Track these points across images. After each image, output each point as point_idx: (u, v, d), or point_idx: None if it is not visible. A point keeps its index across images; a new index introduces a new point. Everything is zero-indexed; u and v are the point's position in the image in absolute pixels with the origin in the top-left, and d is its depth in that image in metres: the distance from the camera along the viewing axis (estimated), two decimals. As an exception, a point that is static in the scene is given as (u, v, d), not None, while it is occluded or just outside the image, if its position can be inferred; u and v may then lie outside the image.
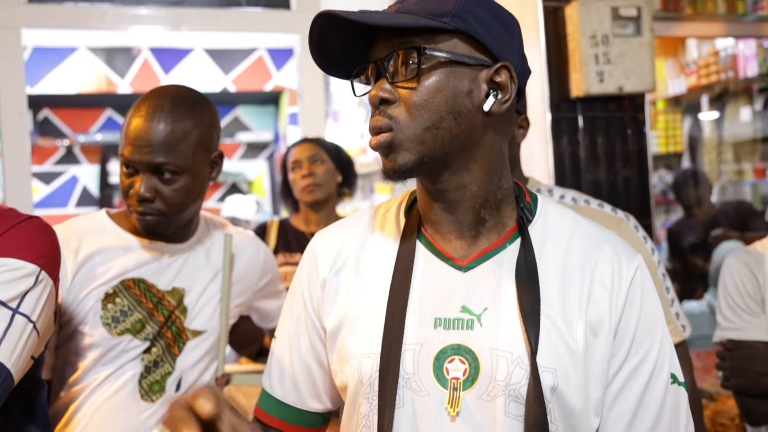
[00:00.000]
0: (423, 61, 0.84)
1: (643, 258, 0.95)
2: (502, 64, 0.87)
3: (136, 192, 1.37)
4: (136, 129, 1.36)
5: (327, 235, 1.00)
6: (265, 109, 5.98)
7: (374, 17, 0.83)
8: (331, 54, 0.90)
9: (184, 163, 1.38)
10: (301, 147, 2.45)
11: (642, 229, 1.48)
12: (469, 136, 0.87)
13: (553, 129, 2.62)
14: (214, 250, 1.56)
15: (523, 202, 0.94)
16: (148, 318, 1.44)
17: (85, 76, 4.93)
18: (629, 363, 0.89)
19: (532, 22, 2.68)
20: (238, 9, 2.78)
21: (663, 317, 0.94)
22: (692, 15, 3.20)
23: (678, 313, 1.46)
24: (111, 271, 1.42)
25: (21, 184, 2.53)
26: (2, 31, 2.48)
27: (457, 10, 0.84)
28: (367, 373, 0.89)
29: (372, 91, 0.87)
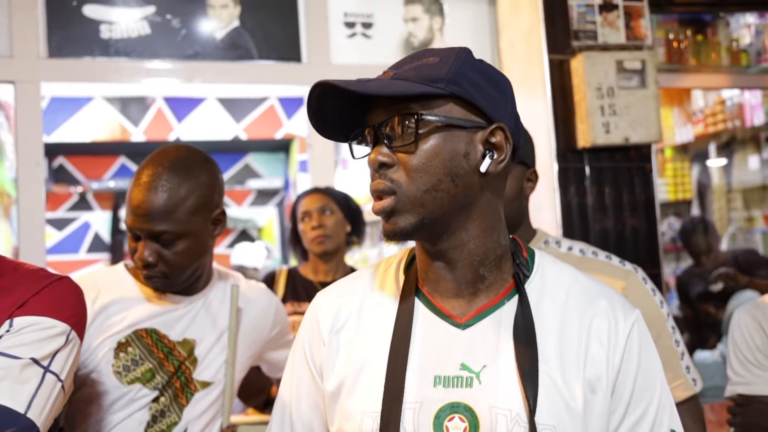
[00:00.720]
0: (420, 126, 0.86)
1: (649, 312, 0.95)
2: (497, 126, 0.89)
3: (140, 257, 1.43)
4: (136, 199, 1.42)
5: (327, 295, 1.02)
6: (276, 156, 6.06)
7: (372, 87, 0.86)
8: (328, 119, 0.93)
9: (183, 229, 1.42)
10: (310, 198, 2.47)
11: (650, 281, 1.47)
12: (467, 197, 0.89)
13: (561, 179, 2.64)
14: (226, 301, 1.59)
15: (520, 258, 0.95)
16: (159, 368, 1.47)
17: (100, 125, 5.03)
18: (628, 419, 0.90)
19: (538, 74, 2.73)
20: (251, 62, 2.86)
21: (662, 372, 0.94)
22: (696, 66, 3.25)
23: (689, 366, 1.44)
24: (125, 321, 1.47)
25: (35, 231, 2.57)
26: (22, 85, 2.55)
27: (451, 76, 0.87)
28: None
29: (371, 155, 0.90)
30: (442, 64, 0.88)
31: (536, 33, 2.72)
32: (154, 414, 1.46)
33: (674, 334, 1.44)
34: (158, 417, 1.46)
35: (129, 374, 1.45)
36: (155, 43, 2.76)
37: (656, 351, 0.95)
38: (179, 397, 1.49)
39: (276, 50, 2.88)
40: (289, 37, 2.90)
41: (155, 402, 1.46)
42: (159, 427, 1.46)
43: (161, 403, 1.47)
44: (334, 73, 2.92)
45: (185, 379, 1.50)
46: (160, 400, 1.47)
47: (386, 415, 0.87)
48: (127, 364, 1.45)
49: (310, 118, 0.92)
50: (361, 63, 2.94)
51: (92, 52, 2.67)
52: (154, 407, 1.46)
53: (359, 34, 2.99)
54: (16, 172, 2.55)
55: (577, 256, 1.48)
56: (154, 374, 1.47)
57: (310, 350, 0.98)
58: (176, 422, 1.48)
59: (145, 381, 1.46)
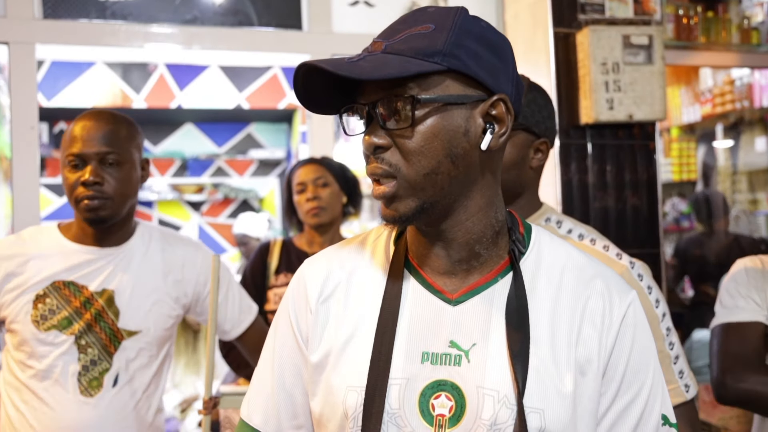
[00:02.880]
0: (417, 108, 0.81)
1: (636, 293, 0.92)
2: (498, 97, 0.84)
3: (85, 179, 1.55)
4: (83, 128, 1.58)
5: (316, 262, 0.98)
6: (278, 126, 6.01)
7: (363, 69, 0.79)
8: (317, 94, 0.87)
9: (125, 154, 1.60)
10: (305, 168, 2.43)
11: (648, 278, 1.36)
12: (467, 176, 0.85)
13: (562, 155, 2.60)
14: (150, 253, 1.70)
15: (516, 235, 0.91)
16: (75, 315, 1.60)
17: (101, 90, 4.99)
18: (618, 403, 0.87)
19: (542, 47, 2.67)
20: (250, 28, 2.80)
21: (656, 357, 0.91)
22: (706, 44, 3.18)
23: (682, 371, 1.33)
24: (43, 273, 1.60)
25: (30, 196, 2.55)
26: (17, 46, 2.51)
27: (447, 48, 0.81)
28: (351, 407, 0.87)
29: (366, 137, 0.84)
30: (437, 33, 0.81)
31: (542, 5, 2.66)
32: (85, 364, 1.59)
33: (668, 336, 1.33)
34: (89, 366, 1.60)
35: (46, 322, 1.58)
36: (153, 7, 2.71)
37: (651, 335, 0.91)
38: (108, 347, 1.62)
39: (276, 17, 2.83)
40: (289, 3, 2.85)
41: (83, 353, 1.59)
42: (91, 374, 1.60)
43: (90, 354, 1.60)
44: (336, 42, 2.87)
45: (110, 329, 1.62)
46: (89, 351, 1.59)
47: (371, 390, 0.85)
48: (45, 314, 1.58)
49: (297, 96, 0.86)
50: (363, 32, 2.89)
51: (88, 14, 2.63)
52: (83, 358, 1.59)
53: (362, 2, 2.93)
54: (11, 135, 2.53)
55: (575, 240, 1.40)
56: (70, 322, 1.59)
57: (296, 317, 0.95)
58: (107, 369, 1.61)
59: (61, 328, 1.58)
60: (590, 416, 0.85)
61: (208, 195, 5.87)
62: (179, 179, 5.84)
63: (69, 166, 1.58)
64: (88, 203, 1.56)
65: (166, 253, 1.72)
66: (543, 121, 1.38)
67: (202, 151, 5.90)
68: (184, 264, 1.73)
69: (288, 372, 0.96)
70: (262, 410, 0.97)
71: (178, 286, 1.72)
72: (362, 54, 0.84)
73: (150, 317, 1.66)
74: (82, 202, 1.57)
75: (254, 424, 0.97)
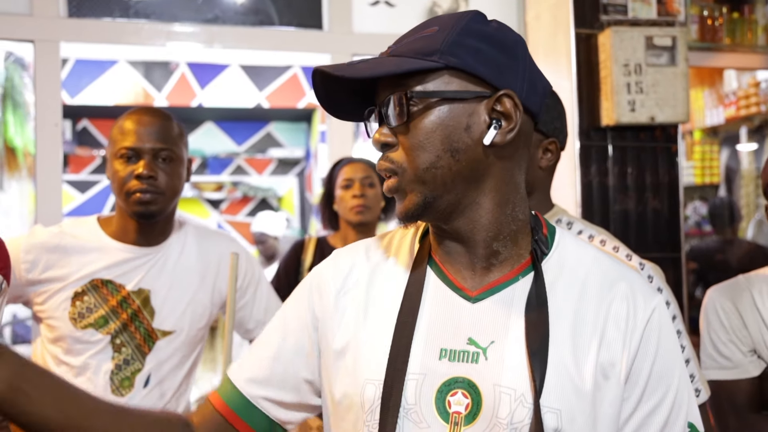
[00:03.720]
0: (413, 104, 0.83)
1: (662, 297, 0.91)
2: (504, 93, 0.84)
3: (140, 172, 1.56)
4: (138, 122, 1.60)
5: (345, 253, 0.99)
6: (298, 126, 6.04)
7: (357, 69, 0.83)
8: (339, 102, 0.91)
9: (177, 150, 1.62)
10: (354, 166, 2.42)
11: (658, 279, 1.36)
12: (473, 171, 0.85)
13: (582, 157, 2.58)
14: (186, 252, 1.69)
15: (539, 235, 0.91)
16: (111, 314, 1.59)
17: (123, 88, 5.04)
18: (642, 409, 0.86)
19: (564, 49, 2.65)
20: (271, 28, 2.82)
21: (682, 362, 0.90)
22: (730, 46, 3.14)
23: (693, 374, 1.35)
24: (83, 271, 1.59)
25: (52, 192, 2.58)
26: (42, 44, 2.54)
27: (445, 47, 0.83)
28: (369, 400, 0.87)
29: (375, 136, 0.87)
30: (438, 35, 0.84)
31: (564, 6, 2.64)
32: (118, 363, 1.59)
33: (679, 339, 1.34)
34: (122, 365, 1.59)
35: (83, 320, 1.58)
36: (175, 6, 2.73)
37: (677, 340, 0.90)
38: (141, 346, 1.61)
39: (297, 16, 2.84)
40: (310, 3, 2.85)
41: (117, 352, 1.59)
42: (123, 374, 1.59)
43: (124, 353, 1.59)
44: (356, 42, 2.87)
45: (144, 329, 1.62)
46: (123, 350, 1.59)
47: (389, 384, 0.85)
48: (82, 312, 1.58)
49: (321, 103, 0.90)
50: (383, 32, 2.89)
51: (112, 13, 2.66)
52: (117, 357, 1.59)
53: (382, 2, 2.93)
54: (35, 132, 2.56)
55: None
56: (107, 320, 1.59)
57: (317, 302, 0.96)
58: (140, 369, 1.61)
59: (97, 326, 1.58)
60: (611, 421, 0.84)
61: (227, 193, 5.91)
62: (199, 177, 5.89)
63: (120, 158, 1.58)
64: (141, 196, 1.56)
65: (201, 251, 1.72)
66: (551, 121, 1.39)
67: (221, 150, 5.94)
68: (220, 260, 1.73)
69: (290, 347, 0.96)
70: (251, 373, 0.96)
71: (213, 285, 1.72)
72: (366, 59, 0.87)
73: (185, 317, 1.66)
74: (134, 195, 1.56)
75: (237, 383, 0.97)
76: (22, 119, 3.59)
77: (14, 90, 3.52)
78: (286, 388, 0.96)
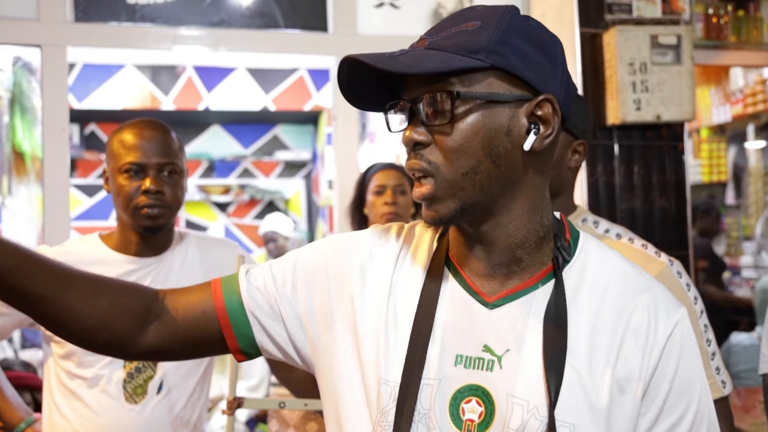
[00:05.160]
0: (457, 105, 0.79)
1: (686, 310, 0.88)
2: (545, 97, 0.81)
3: (147, 187, 1.58)
4: (142, 137, 1.61)
5: (385, 232, 0.96)
6: (304, 128, 6.05)
7: (402, 63, 0.78)
8: (361, 90, 0.86)
9: (180, 164, 1.65)
10: (388, 173, 2.44)
11: (686, 276, 1.37)
12: (509, 177, 0.82)
13: (588, 156, 2.57)
14: (189, 258, 1.71)
15: (561, 241, 0.88)
16: None
17: (131, 93, 5.07)
18: (660, 426, 0.83)
19: (569, 48, 2.65)
20: (276, 31, 2.83)
21: (704, 378, 0.86)
22: (736, 44, 3.13)
23: (719, 367, 1.36)
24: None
25: (60, 196, 2.59)
26: (49, 49, 2.56)
27: (492, 45, 0.78)
28: (384, 401, 0.85)
29: (406, 133, 0.83)
30: (482, 30, 0.79)
31: (569, 5, 2.64)
32: (130, 371, 1.61)
33: (706, 333, 1.36)
34: (134, 374, 1.61)
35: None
36: (181, 10, 2.74)
37: (699, 355, 0.87)
38: None
39: (302, 19, 2.84)
40: (315, 5, 2.86)
41: (129, 361, 1.60)
42: (136, 382, 1.61)
43: (134, 362, 1.60)
44: (361, 44, 2.87)
45: None
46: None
47: (405, 387, 0.83)
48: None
49: (342, 91, 0.86)
50: (388, 33, 2.89)
51: (118, 17, 2.67)
52: (128, 365, 1.61)
53: (387, 4, 2.93)
54: (42, 136, 2.58)
55: (612, 239, 1.41)
56: None
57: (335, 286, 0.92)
58: (152, 376, 1.62)
59: None
60: None
61: (234, 196, 5.93)
62: (206, 180, 5.91)
63: (125, 173, 1.60)
64: (149, 211, 1.59)
65: (204, 258, 1.73)
66: (581, 123, 1.41)
67: (228, 153, 5.96)
68: (222, 266, 1.73)
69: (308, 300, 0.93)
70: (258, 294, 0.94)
71: None
72: (405, 50, 0.83)
73: None
74: (142, 210, 1.59)
75: (243, 297, 0.94)
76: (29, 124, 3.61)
77: (22, 95, 3.55)
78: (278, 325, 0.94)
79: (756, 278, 4.31)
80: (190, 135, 5.90)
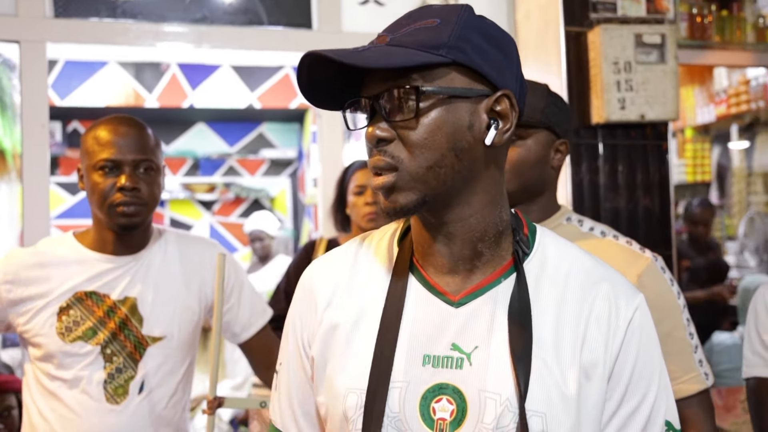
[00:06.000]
0: (421, 99, 0.80)
1: (666, 302, 0.90)
2: (503, 93, 0.83)
3: (123, 184, 1.55)
4: (116, 133, 1.57)
5: (320, 266, 0.98)
6: (290, 126, 6.02)
7: (367, 59, 0.79)
8: (320, 88, 0.86)
9: (156, 161, 1.62)
10: (367, 172, 2.40)
11: (669, 272, 1.40)
12: (471, 171, 0.84)
13: (573, 155, 2.58)
14: (169, 256, 1.69)
15: (520, 235, 0.90)
16: (99, 325, 1.59)
17: (114, 90, 5.02)
18: (624, 408, 0.85)
19: (554, 46, 2.65)
20: (260, 27, 2.80)
21: (662, 360, 0.89)
22: (720, 43, 3.14)
23: (701, 360, 1.39)
24: (65, 285, 1.59)
25: (40, 194, 2.56)
26: (27, 45, 2.52)
27: (453, 41, 0.80)
28: (351, 409, 0.86)
29: (369, 130, 0.83)
30: (442, 27, 0.81)
31: (553, 4, 2.64)
32: (111, 372, 1.58)
33: (689, 327, 1.39)
34: (115, 374, 1.59)
35: (71, 334, 1.57)
36: (163, 6, 2.71)
37: (657, 338, 0.90)
38: (133, 353, 1.61)
39: (286, 16, 2.82)
40: (299, 2, 2.84)
41: (109, 362, 1.58)
42: (117, 383, 1.59)
43: (115, 362, 1.59)
44: (345, 41, 2.85)
45: (134, 336, 1.61)
46: (114, 359, 1.58)
47: (372, 393, 0.84)
48: (69, 326, 1.57)
49: (300, 88, 0.85)
50: (373, 31, 2.87)
51: (99, 13, 2.64)
52: (108, 366, 1.58)
53: (372, 1, 2.92)
54: (21, 133, 2.54)
55: (597, 237, 1.43)
56: (95, 331, 1.58)
57: (301, 322, 0.95)
58: (132, 376, 1.60)
59: (86, 338, 1.57)
60: (593, 422, 0.84)
61: (219, 194, 5.89)
62: (191, 178, 5.87)
63: (100, 170, 1.57)
64: (125, 209, 1.56)
65: (183, 257, 1.71)
66: (563, 122, 1.43)
67: (213, 151, 5.92)
68: (202, 264, 1.72)
69: (299, 378, 0.95)
70: (283, 413, 0.97)
71: (198, 289, 1.71)
72: (367, 46, 0.83)
73: (174, 322, 1.65)
74: (118, 208, 1.56)
75: (278, 425, 0.98)
76: (10, 121, 3.56)
77: (2, 91, 3.50)
78: (313, 415, 0.96)
79: (739, 278, 4.33)
80: (175, 133, 5.86)
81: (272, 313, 1.87)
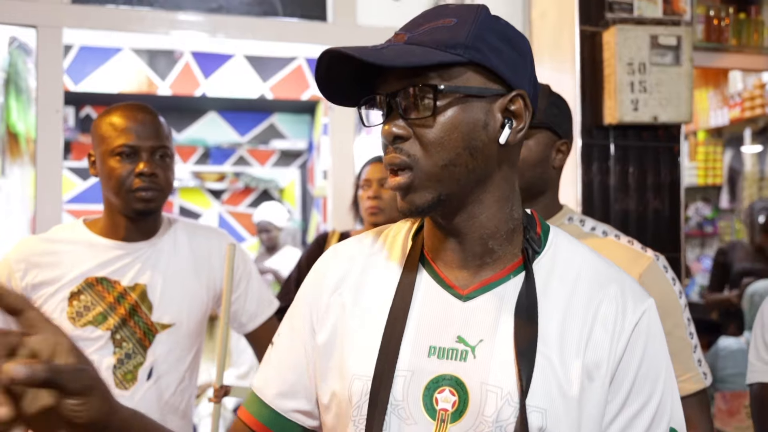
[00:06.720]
0: (438, 98, 0.81)
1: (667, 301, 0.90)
2: (517, 93, 0.84)
3: (142, 170, 1.57)
4: (134, 120, 1.59)
5: (337, 253, 0.99)
6: (301, 117, 6.03)
7: (386, 56, 0.80)
8: (337, 84, 0.87)
9: (171, 148, 1.65)
10: (373, 167, 2.44)
11: (671, 271, 1.41)
12: (484, 169, 0.85)
13: (584, 155, 2.57)
14: (178, 246, 1.70)
15: (531, 234, 0.91)
16: (109, 310, 1.60)
17: (127, 76, 5.04)
18: (626, 412, 0.85)
19: (568, 46, 2.64)
20: (275, 18, 2.81)
21: (669, 366, 0.89)
22: (736, 47, 3.12)
23: (700, 359, 1.40)
24: (76, 271, 1.60)
25: (53, 179, 2.58)
26: (44, 30, 2.54)
27: (470, 41, 0.81)
28: (356, 395, 0.87)
29: (385, 127, 0.84)
30: (459, 27, 0.82)
31: (569, 3, 2.63)
32: (120, 357, 1.60)
33: (689, 326, 1.40)
34: (124, 360, 1.60)
35: (81, 319, 1.59)
36: (179, -5, 2.72)
37: (665, 344, 0.90)
38: (142, 340, 1.62)
39: (301, 8, 2.83)
40: (315, -6, 2.84)
41: (119, 347, 1.59)
42: (126, 368, 1.60)
43: (125, 348, 1.60)
44: (360, 35, 2.86)
45: (144, 323, 1.63)
46: (123, 345, 1.60)
47: (377, 380, 0.86)
48: (80, 311, 1.59)
49: (318, 84, 0.87)
50: (388, 25, 2.88)
51: (116, 0, 2.65)
52: (118, 352, 1.60)
53: (387, -5, 2.92)
54: (36, 118, 2.56)
55: (599, 236, 1.44)
56: (105, 317, 1.60)
57: (311, 305, 0.96)
58: (141, 362, 1.62)
59: (96, 323, 1.59)
60: (594, 423, 0.84)
61: (229, 183, 5.91)
62: (201, 167, 5.89)
63: (117, 156, 1.58)
64: (143, 194, 1.58)
65: (193, 246, 1.72)
66: (564, 123, 1.44)
67: (224, 140, 5.94)
68: (211, 254, 1.73)
69: (299, 353, 0.96)
70: (277, 387, 0.97)
71: (207, 277, 1.73)
72: (385, 44, 0.85)
73: (183, 310, 1.66)
74: (136, 193, 1.58)
75: (266, 398, 0.97)
76: (24, 105, 3.58)
77: (17, 75, 3.52)
78: (313, 397, 0.96)
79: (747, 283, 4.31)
80: (186, 121, 5.87)
81: (279, 304, 1.88)
